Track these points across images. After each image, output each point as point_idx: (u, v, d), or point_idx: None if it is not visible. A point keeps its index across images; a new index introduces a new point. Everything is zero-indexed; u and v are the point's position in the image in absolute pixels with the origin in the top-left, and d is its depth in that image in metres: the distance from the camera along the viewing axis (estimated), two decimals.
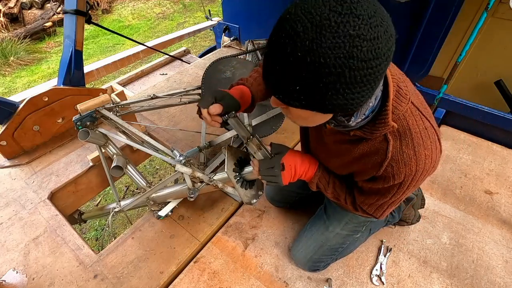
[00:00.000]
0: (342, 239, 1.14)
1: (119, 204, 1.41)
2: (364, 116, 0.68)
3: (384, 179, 0.75)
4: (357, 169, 0.82)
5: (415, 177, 0.72)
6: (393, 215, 1.26)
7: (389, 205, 0.86)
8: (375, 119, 0.69)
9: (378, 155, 0.73)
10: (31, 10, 5.45)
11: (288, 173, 0.89)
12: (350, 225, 1.13)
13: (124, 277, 1.20)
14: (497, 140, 1.83)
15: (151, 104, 1.66)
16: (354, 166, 0.83)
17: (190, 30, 3.14)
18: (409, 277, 1.20)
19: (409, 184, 0.74)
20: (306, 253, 1.17)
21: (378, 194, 0.83)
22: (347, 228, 1.13)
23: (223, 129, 1.58)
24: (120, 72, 3.93)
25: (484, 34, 1.94)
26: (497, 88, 2.05)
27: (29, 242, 1.31)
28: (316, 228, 1.19)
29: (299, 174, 0.92)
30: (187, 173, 1.14)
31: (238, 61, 1.86)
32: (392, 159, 0.70)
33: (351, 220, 1.13)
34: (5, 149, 1.62)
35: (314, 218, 1.25)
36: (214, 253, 1.28)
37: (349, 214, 1.12)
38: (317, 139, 0.95)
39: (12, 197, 1.48)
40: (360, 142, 0.76)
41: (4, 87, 4.05)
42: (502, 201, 1.50)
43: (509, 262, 1.26)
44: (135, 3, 6.55)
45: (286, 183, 0.91)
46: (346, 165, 0.85)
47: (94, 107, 1.35)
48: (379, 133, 0.70)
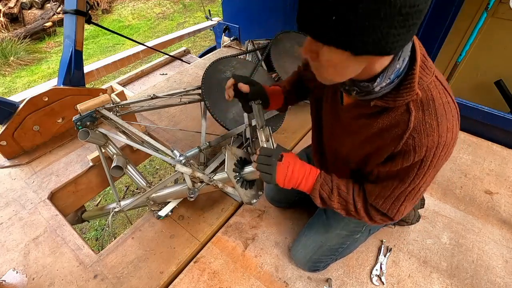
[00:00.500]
0: (342, 239, 1.14)
1: (119, 204, 1.41)
2: (389, 81, 0.66)
3: (404, 155, 0.70)
4: (375, 147, 0.77)
5: (437, 152, 0.68)
6: None
7: (407, 196, 0.78)
8: (400, 85, 0.67)
9: (399, 127, 0.69)
10: (31, 10, 5.45)
11: (283, 168, 0.85)
12: (350, 225, 1.13)
13: (124, 277, 1.20)
14: (497, 140, 1.83)
15: (151, 104, 1.66)
16: (371, 144, 0.78)
17: (190, 30, 3.14)
18: (409, 277, 1.20)
19: (430, 163, 0.69)
20: (305, 253, 1.17)
21: (395, 179, 0.76)
22: (347, 228, 1.13)
23: (223, 129, 1.59)
24: (120, 72, 3.94)
25: (484, 34, 1.94)
26: (497, 88, 2.05)
27: (29, 242, 1.31)
28: (316, 228, 1.19)
29: (296, 178, 0.86)
30: (187, 173, 1.14)
31: (238, 61, 1.86)
32: (414, 129, 0.67)
33: (351, 220, 1.12)
34: (5, 149, 1.62)
35: (314, 218, 1.25)
36: (214, 253, 1.28)
37: None
38: (332, 118, 0.91)
39: (12, 197, 1.48)
40: (380, 115, 0.73)
41: (4, 87, 4.05)
42: (502, 201, 1.50)
43: (509, 262, 1.26)
44: (135, 3, 6.55)
45: (279, 178, 0.85)
46: (362, 145, 0.80)
47: (94, 107, 1.35)
48: (403, 101, 0.67)
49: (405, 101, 0.67)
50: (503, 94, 2.03)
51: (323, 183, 0.87)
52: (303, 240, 1.20)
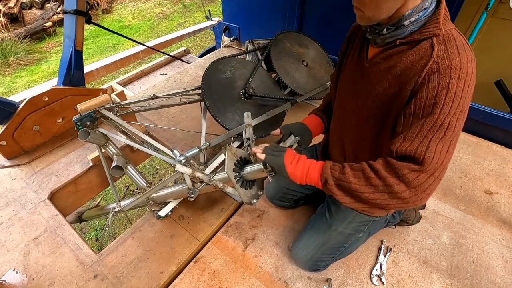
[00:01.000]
0: (344, 238, 1.14)
1: (119, 204, 1.41)
2: (417, 17, 0.74)
3: (428, 81, 0.71)
4: (397, 88, 0.79)
5: (461, 75, 0.69)
6: (394, 215, 1.26)
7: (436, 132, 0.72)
8: (425, 24, 0.75)
9: (423, 59, 0.74)
10: (31, 10, 5.45)
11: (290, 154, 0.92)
12: (353, 224, 1.13)
13: (124, 277, 1.20)
14: (497, 140, 1.83)
15: (151, 104, 1.66)
16: (394, 87, 0.80)
17: (190, 30, 3.14)
18: (409, 277, 1.20)
19: (456, 88, 0.69)
20: (307, 252, 1.16)
21: (422, 115, 0.73)
22: (350, 227, 1.13)
23: (223, 129, 1.59)
24: (120, 72, 3.94)
25: (484, 34, 1.94)
26: (497, 88, 2.05)
27: (29, 242, 1.31)
28: (318, 227, 1.19)
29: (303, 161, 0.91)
30: (187, 173, 1.14)
31: (238, 61, 1.86)
32: (437, 56, 0.71)
33: (354, 219, 1.12)
34: (5, 149, 1.62)
35: (316, 217, 1.24)
36: (214, 253, 1.28)
37: (353, 213, 1.12)
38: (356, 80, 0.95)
39: (12, 197, 1.48)
40: (404, 54, 0.78)
41: (4, 87, 4.05)
42: (502, 201, 1.50)
43: (509, 262, 1.26)
44: (135, 3, 6.55)
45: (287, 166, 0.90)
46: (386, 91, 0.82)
47: (94, 107, 1.35)
48: (427, 33, 0.74)
49: (430, 33, 0.73)
50: (503, 94, 2.03)
51: (332, 164, 0.86)
52: (305, 239, 1.20)
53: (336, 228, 1.14)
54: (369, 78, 0.88)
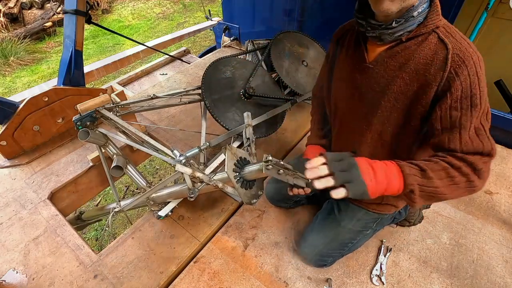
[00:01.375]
0: (353, 235, 1.15)
1: (119, 204, 1.41)
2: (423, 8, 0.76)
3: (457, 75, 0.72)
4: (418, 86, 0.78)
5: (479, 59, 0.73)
6: (400, 212, 1.25)
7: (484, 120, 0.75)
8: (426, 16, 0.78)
9: (439, 54, 0.75)
10: (31, 10, 5.45)
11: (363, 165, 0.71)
12: (362, 222, 1.14)
13: (124, 277, 1.20)
14: (497, 140, 1.82)
15: (151, 104, 1.66)
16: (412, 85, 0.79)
17: (190, 30, 3.14)
18: (409, 277, 1.20)
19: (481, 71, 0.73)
20: (315, 247, 1.17)
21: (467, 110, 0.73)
22: (359, 224, 1.14)
23: (223, 129, 1.59)
24: (120, 72, 3.94)
25: (484, 34, 1.94)
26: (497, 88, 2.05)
27: (29, 242, 1.31)
28: (326, 223, 1.19)
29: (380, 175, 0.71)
30: (187, 173, 1.14)
31: (238, 61, 1.86)
32: (453, 48, 0.74)
33: (364, 217, 1.13)
34: (5, 149, 1.62)
35: (323, 213, 1.24)
36: (214, 253, 1.28)
37: (362, 211, 1.12)
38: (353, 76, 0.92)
39: (12, 197, 1.48)
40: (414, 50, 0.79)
41: (4, 87, 4.05)
42: (502, 201, 1.50)
43: (509, 262, 1.26)
44: (135, 3, 6.56)
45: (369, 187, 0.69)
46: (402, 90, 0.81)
47: (94, 107, 1.35)
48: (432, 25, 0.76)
49: (433, 24, 0.76)
50: (503, 94, 2.03)
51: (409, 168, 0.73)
52: (314, 234, 1.20)
53: (346, 225, 1.14)
54: (376, 78, 0.87)
